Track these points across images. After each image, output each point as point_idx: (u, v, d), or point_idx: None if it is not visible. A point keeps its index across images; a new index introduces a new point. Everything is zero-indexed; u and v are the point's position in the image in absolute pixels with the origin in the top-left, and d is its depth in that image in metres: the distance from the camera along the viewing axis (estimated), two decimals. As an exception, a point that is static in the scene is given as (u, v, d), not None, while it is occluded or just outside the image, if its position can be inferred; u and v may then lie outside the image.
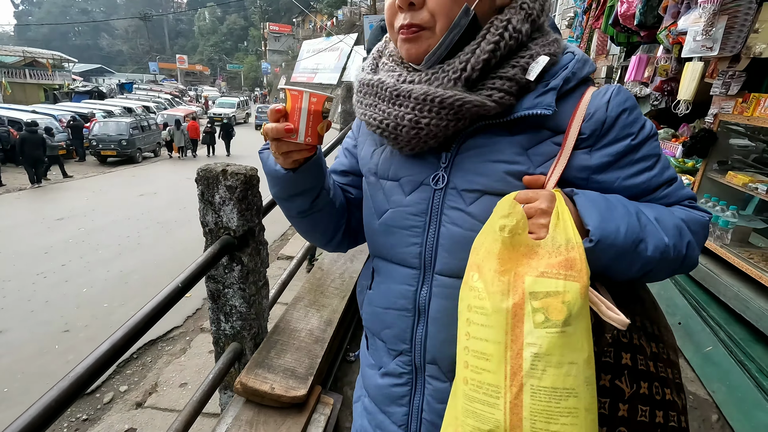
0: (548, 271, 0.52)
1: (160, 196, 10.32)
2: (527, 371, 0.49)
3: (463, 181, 0.66)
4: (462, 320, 0.57)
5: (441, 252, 0.68)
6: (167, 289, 1.15)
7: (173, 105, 26.88)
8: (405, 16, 0.63)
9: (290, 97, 0.61)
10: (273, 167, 0.70)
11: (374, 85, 0.69)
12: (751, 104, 2.28)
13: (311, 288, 1.97)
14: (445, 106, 0.61)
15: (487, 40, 0.62)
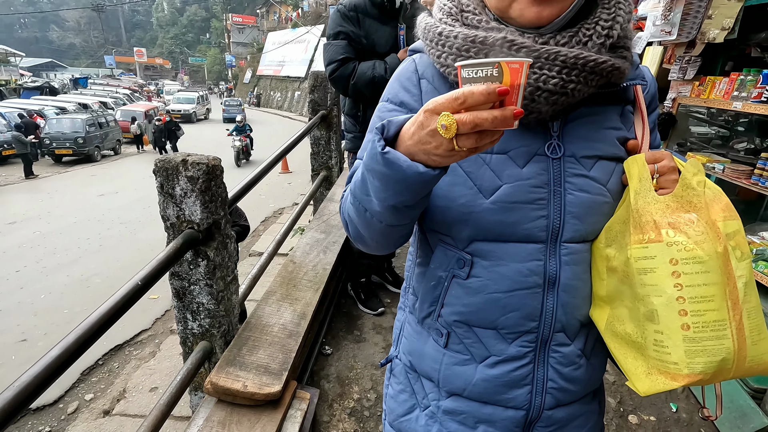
0: (726, 215, 0.61)
1: (122, 195, 9.88)
2: (743, 299, 0.58)
3: (581, 148, 0.67)
4: (663, 275, 0.59)
5: (569, 220, 0.67)
6: (126, 287, 1.08)
7: (133, 100, 25.69)
8: None
9: (510, 71, 0.47)
10: (418, 169, 0.52)
11: (496, 44, 0.60)
12: (707, 87, 2.37)
13: (283, 282, 1.91)
14: (596, 71, 0.60)
15: (619, 6, 0.64)
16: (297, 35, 30.95)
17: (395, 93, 0.75)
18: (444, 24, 0.67)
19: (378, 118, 0.75)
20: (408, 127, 0.53)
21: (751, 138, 2.59)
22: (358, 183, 0.63)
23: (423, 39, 0.71)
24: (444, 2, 0.71)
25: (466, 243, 0.70)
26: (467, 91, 0.47)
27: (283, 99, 33.28)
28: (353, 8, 2.01)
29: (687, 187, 0.61)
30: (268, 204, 8.32)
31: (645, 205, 0.62)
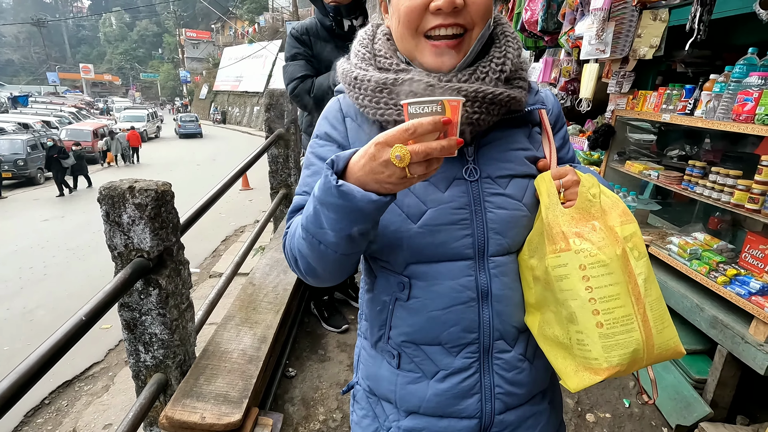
0: (623, 220, 0.69)
1: (69, 218, 9.30)
2: (644, 293, 0.66)
3: (495, 169, 0.73)
4: (575, 280, 0.66)
5: (492, 236, 0.72)
6: (68, 323, 1.02)
7: (79, 119, 24.39)
8: (446, 17, 0.65)
9: (450, 108, 0.54)
10: (371, 198, 0.56)
11: (406, 84, 0.67)
12: (640, 100, 2.56)
13: (242, 305, 1.86)
14: (495, 102, 0.68)
15: (509, 45, 0.73)
16: (254, 50, 30.62)
17: (324, 130, 0.80)
18: (359, 69, 0.74)
19: (312, 154, 0.79)
20: (357, 160, 0.57)
21: (681, 145, 2.81)
22: (311, 217, 0.64)
23: (342, 82, 0.77)
24: (359, 48, 0.78)
25: (402, 267, 0.75)
26: (416, 122, 0.52)
27: (242, 114, 32.70)
28: (305, 31, 2.09)
29: (585, 199, 0.69)
30: (229, 222, 8.10)
31: (554, 218, 0.69)
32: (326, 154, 0.77)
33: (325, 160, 0.74)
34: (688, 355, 2.05)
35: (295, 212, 0.77)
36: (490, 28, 0.71)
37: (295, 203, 0.78)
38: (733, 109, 1.81)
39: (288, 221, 0.77)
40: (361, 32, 0.82)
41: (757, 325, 1.70)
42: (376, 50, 0.75)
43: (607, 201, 0.70)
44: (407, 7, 0.66)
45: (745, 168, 1.90)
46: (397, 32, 0.71)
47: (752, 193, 1.77)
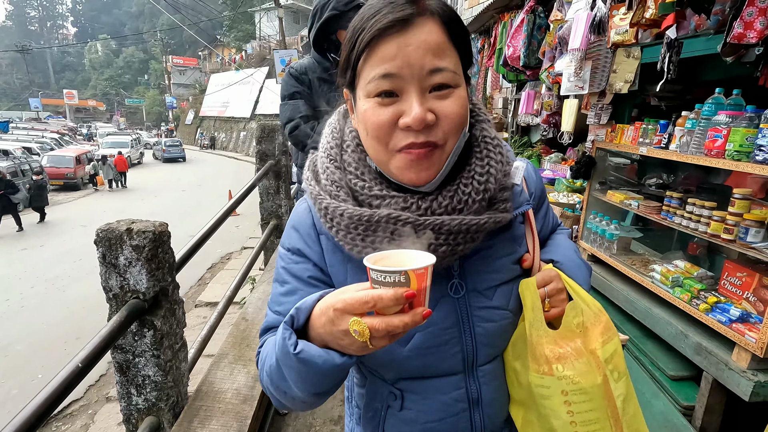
0: (604, 339, 0.70)
1: (48, 247, 9.07)
2: (622, 413, 0.68)
3: (481, 282, 0.71)
4: (558, 403, 0.68)
5: (481, 348, 0.71)
6: (64, 372, 1.01)
7: (62, 145, 24.07)
8: (417, 135, 0.59)
9: (416, 277, 0.49)
10: (335, 362, 0.53)
11: (384, 222, 0.61)
12: (618, 134, 2.69)
13: (235, 342, 1.85)
14: (481, 230, 0.64)
15: (491, 157, 0.67)
16: (241, 77, 30.97)
17: (295, 244, 0.73)
18: (329, 195, 0.67)
19: (284, 270, 0.73)
20: (318, 315, 0.54)
21: (659, 174, 2.94)
22: (274, 369, 0.61)
23: (312, 205, 0.71)
24: (327, 165, 0.70)
25: (393, 380, 0.73)
26: (376, 296, 0.48)
27: (228, 140, 32.76)
28: (304, 71, 2.16)
29: (568, 328, 0.71)
30: (215, 250, 8.00)
31: (538, 338, 0.70)
32: (300, 272, 0.71)
33: (299, 279, 0.71)
34: (676, 381, 2.09)
35: (266, 331, 0.72)
36: (465, 136, 0.66)
37: (266, 322, 0.73)
38: (705, 144, 1.92)
39: (261, 337, 0.73)
40: (328, 133, 0.75)
41: (739, 351, 1.76)
42: (346, 164, 0.69)
43: (590, 315, 0.71)
44: (374, 123, 0.61)
45: (720, 199, 2.00)
46: (366, 142, 0.66)
47: (727, 224, 1.86)
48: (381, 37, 0.58)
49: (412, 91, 0.59)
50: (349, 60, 0.63)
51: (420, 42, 0.58)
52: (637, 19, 2.18)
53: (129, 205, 13.42)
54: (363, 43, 0.59)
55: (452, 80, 0.61)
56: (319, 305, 0.55)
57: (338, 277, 0.71)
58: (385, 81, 0.59)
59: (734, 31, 1.63)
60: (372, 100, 0.61)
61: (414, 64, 0.58)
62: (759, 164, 1.66)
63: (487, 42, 5.00)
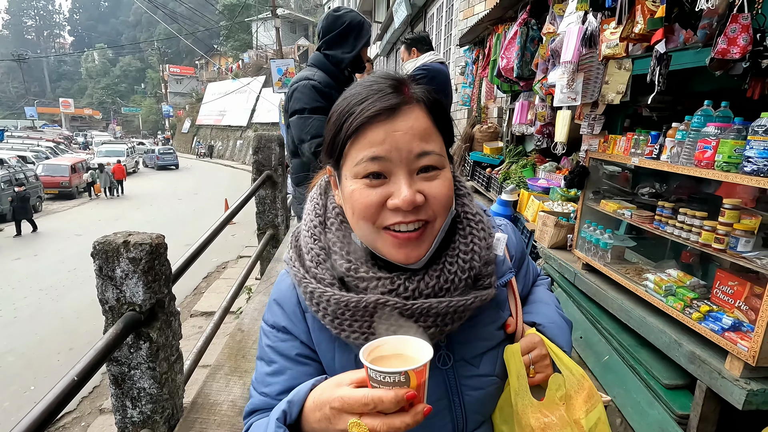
0: (587, 407, 0.70)
1: (42, 257, 9.01)
2: None
3: (468, 352, 0.71)
4: None
5: (471, 416, 0.71)
6: (60, 385, 1.01)
7: (57, 153, 24.01)
8: (406, 215, 0.60)
9: (416, 375, 0.49)
10: None
11: (370, 308, 0.62)
12: (610, 144, 2.72)
13: (231, 353, 1.84)
14: (468, 309, 0.65)
15: (474, 234, 0.69)
16: (238, 86, 31.12)
17: (280, 322, 0.72)
18: (314, 279, 0.67)
19: (270, 348, 0.71)
20: (312, 410, 0.54)
21: (652, 183, 2.98)
22: None
23: (297, 286, 0.69)
24: (311, 245, 0.69)
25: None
26: (377, 398, 0.48)
27: (225, 148, 32.81)
28: (327, 85, 2.08)
29: (552, 401, 0.71)
30: (211, 259, 7.97)
31: (523, 407, 0.71)
32: (288, 350, 0.70)
33: (287, 357, 0.69)
34: (671, 390, 2.10)
35: (251, 414, 0.70)
36: (452, 214, 0.68)
37: (251, 405, 0.71)
38: (695, 155, 1.95)
39: (245, 420, 0.71)
40: (310, 211, 0.74)
41: (732, 360, 1.78)
42: (331, 243, 0.68)
43: (573, 383, 0.72)
44: (362, 204, 0.61)
45: (710, 209, 2.03)
46: (352, 220, 0.65)
47: (717, 233, 1.89)
48: (369, 123, 0.60)
49: (400, 174, 0.60)
50: (335, 141, 0.64)
51: (407, 128, 0.60)
52: (627, 34, 2.23)
53: (124, 213, 13.37)
54: (351, 129, 0.61)
55: (438, 162, 0.62)
56: (312, 398, 0.54)
57: (326, 356, 0.69)
58: (374, 163, 0.60)
59: (718, 47, 1.67)
60: (360, 181, 0.61)
61: (402, 149, 0.60)
62: (747, 175, 1.69)
63: (481, 53, 5.07)
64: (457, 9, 6.92)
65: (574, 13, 2.68)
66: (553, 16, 3.04)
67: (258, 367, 0.73)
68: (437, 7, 8.19)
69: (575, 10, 2.65)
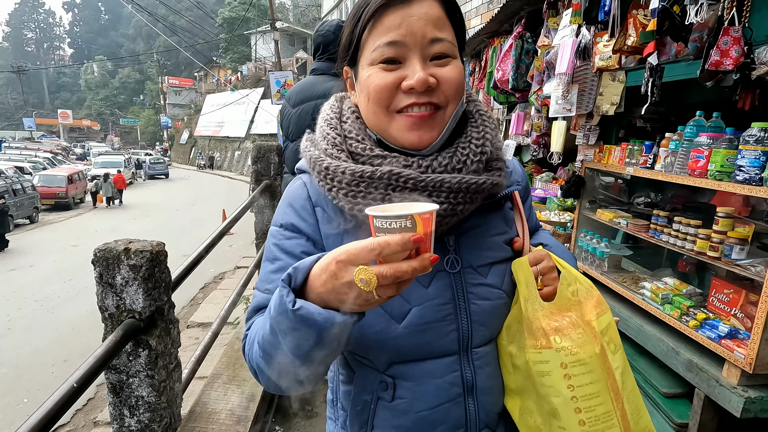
0: (598, 311, 0.70)
1: (37, 267, 8.94)
2: (621, 387, 0.67)
3: (476, 258, 0.71)
4: (557, 378, 0.67)
5: (477, 328, 0.70)
6: (59, 392, 1.01)
7: (55, 164, 24.00)
8: (420, 96, 0.63)
9: (422, 221, 0.47)
10: (335, 320, 0.50)
11: (386, 178, 0.62)
12: (606, 154, 2.76)
13: (229, 362, 1.84)
14: (479, 190, 0.66)
15: (486, 125, 0.72)
16: (237, 97, 31.33)
17: (289, 219, 0.72)
18: (329, 157, 0.68)
19: (276, 246, 0.72)
20: (318, 274, 0.51)
21: (647, 193, 3.01)
22: (267, 337, 0.57)
23: (311, 170, 0.71)
24: (327, 131, 0.71)
25: (385, 366, 0.70)
26: (383, 242, 0.46)
27: (223, 159, 32.90)
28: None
29: (563, 297, 0.71)
30: (208, 269, 7.94)
31: (533, 311, 0.70)
32: (293, 247, 0.70)
33: (291, 254, 0.69)
34: (669, 399, 2.10)
35: (255, 312, 0.69)
36: (463, 105, 0.70)
37: (255, 302, 0.70)
38: (688, 165, 1.99)
39: (248, 321, 0.70)
40: (326, 108, 0.76)
41: (729, 368, 1.78)
42: (346, 131, 0.70)
43: (583, 290, 0.71)
44: (377, 86, 0.63)
45: (705, 218, 2.06)
46: (367, 109, 0.67)
47: (712, 242, 1.91)
48: (386, 8, 0.63)
49: (414, 58, 0.63)
50: (353, 33, 0.67)
51: (422, 14, 0.62)
52: (620, 46, 2.28)
53: (121, 224, 13.33)
54: (369, 14, 0.63)
55: (450, 51, 0.65)
56: (318, 264, 0.52)
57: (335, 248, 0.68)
58: (390, 48, 0.63)
59: (711, 59, 1.71)
60: (376, 67, 0.64)
61: (417, 33, 0.62)
62: (739, 184, 1.72)
63: (478, 65, 5.14)
64: (454, 22, 7.04)
65: (567, 26, 2.74)
66: (547, 29, 3.11)
67: (262, 268, 0.73)
68: (434, 21, 8.33)
69: (569, 24, 2.70)
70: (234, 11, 39.84)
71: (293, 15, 43.40)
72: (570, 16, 2.67)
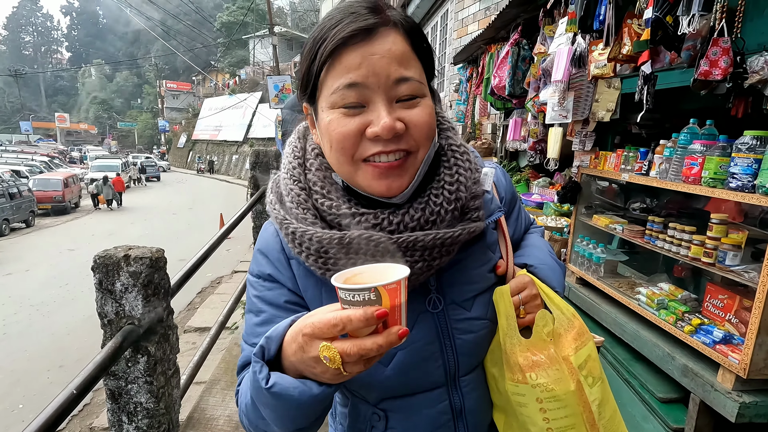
0: (577, 345, 0.70)
1: (34, 272, 8.90)
2: (598, 418, 0.69)
3: (459, 293, 0.70)
4: (533, 410, 0.69)
5: (463, 359, 0.71)
6: (59, 398, 1.02)
7: (51, 168, 23.94)
8: (387, 144, 0.58)
9: (388, 293, 0.45)
10: (312, 392, 0.49)
11: (356, 243, 0.59)
12: (601, 160, 2.79)
13: (228, 368, 1.84)
14: (455, 242, 0.63)
15: (459, 165, 0.66)
16: (235, 101, 31.36)
17: (265, 270, 0.70)
18: (295, 219, 0.64)
19: (258, 298, 0.69)
20: (289, 342, 0.51)
21: (642, 198, 3.04)
22: (250, 407, 0.57)
23: (279, 230, 0.67)
24: (291, 186, 0.67)
25: (376, 401, 0.72)
26: (345, 317, 0.45)
27: (221, 163, 32.88)
28: None
29: (540, 338, 0.71)
30: (205, 274, 7.92)
31: (511, 347, 0.71)
32: (275, 298, 0.68)
33: (275, 305, 0.67)
34: (665, 404, 2.11)
35: (243, 368, 0.68)
36: (436, 146, 0.66)
37: (242, 357, 0.68)
38: (682, 171, 2.01)
39: (239, 375, 0.69)
40: (289, 152, 0.72)
41: (724, 373, 1.80)
42: (311, 182, 0.66)
43: (563, 321, 0.72)
44: (339, 134, 0.58)
45: (699, 224, 2.08)
46: (330, 156, 0.63)
47: (706, 247, 1.94)
48: (345, 46, 0.56)
49: (378, 101, 0.57)
50: (311, 71, 0.60)
51: (385, 51, 0.57)
52: (615, 55, 2.31)
53: (118, 228, 13.28)
54: (326, 53, 0.57)
55: (418, 90, 0.60)
56: (290, 332, 0.51)
57: (313, 302, 0.67)
58: (351, 91, 0.57)
59: (701, 69, 1.74)
60: (336, 111, 0.58)
61: (380, 74, 0.56)
62: (732, 191, 1.74)
63: (475, 71, 5.18)
64: (451, 29, 7.10)
65: (563, 34, 2.77)
66: (543, 37, 3.14)
67: (247, 320, 0.70)
68: (431, 26, 8.39)
69: (565, 32, 2.74)
70: (232, 15, 40.02)
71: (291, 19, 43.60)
72: (565, 24, 2.70)
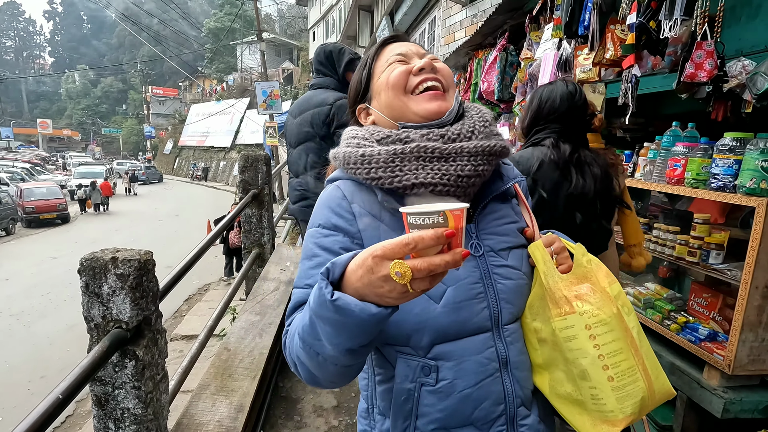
0: (609, 280, 0.78)
1: (14, 281, 8.67)
2: (639, 344, 0.74)
3: (496, 243, 0.80)
4: (583, 340, 0.73)
5: (504, 305, 0.77)
6: (44, 403, 0.99)
7: (33, 175, 23.42)
8: (429, 73, 0.79)
9: (454, 217, 0.50)
10: (371, 311, 0.52)
11: (414, 151, 0.73)
12: (588, 163, 2.83)
13: (217, 372, 1.82)
14: (492, 152, 0.76)
15: (478, 108, 0.85)
16: (223, 107, 31.16)
17: (327, 218, 0.77)
18: (362, 148, 0.78)
19: (314, 244, 0.76)
20: (354, 269, 0.54)
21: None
22: (307, 328, 0.61)
23: (346, 165, 0.78)
24: (353, 136, 0.83)
25: (427, 349, 0.74)
26: (416, 236, 0.49)
27: (208, 169, 32.55)
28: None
29: (580, 265, 0.79)
30: (192, 281, 7.81)
31: (554, 283, 0.77)
32: (332, 245, 0.74)
33: (329, 251, 0.74)
34: (653, 402, 2.14)
35: (295, 309, 0.73)
36: (459, 99, 0.83)
37: (295, 299, 0.74)
38: (666, 173, 2.06)
39: (288, 318, 0.73)
40: (344, 134, 0.85)
41: (709, 370, 1.84)
42: (370, 132, 0.80)
43: (594, 264, 0.80)
44: (395, 74, 0.79)
45: (683, 224, 2.13)
46: (386, 100, 0.81)
47: (690, 247, 1.98)
48: (387, 42, 0.86)
49: (416, 59, 0.82)
50: (361, 78, 0.87)
51: (411, 44, 0.86)
52: (599, 59, 2.37)
53: (102, 236, 13.04)
54: (373, 52, 0.86)
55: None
56: (354, 260, 0.55)
57: (371, 241, 0.72)
58: (398, 56, 0.82)
59: (687, 71, 1.79)
60: (390, 66, 0.81)
61: (413, 49, 0.84)
62: (714, 191, 1.79)
63: (463, 77, 5.24)
64: (439, 35, 7.18)
65: (549, 40, 2.83)
66: (530, 42, 3.20)
67: (301, 266, 0.77)
68: (419, 33, 8.48)
69: (550, 37, 2.79)
70: (220, 21, 39.85)
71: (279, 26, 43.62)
72: (551, 30, 2.76)
